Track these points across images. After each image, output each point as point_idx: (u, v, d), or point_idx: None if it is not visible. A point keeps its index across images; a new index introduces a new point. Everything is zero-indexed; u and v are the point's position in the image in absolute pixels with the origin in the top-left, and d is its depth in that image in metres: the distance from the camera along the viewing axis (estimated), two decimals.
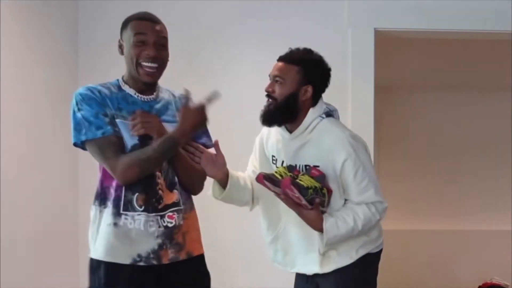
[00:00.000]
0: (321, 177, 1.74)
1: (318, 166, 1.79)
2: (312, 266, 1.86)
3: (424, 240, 4.88)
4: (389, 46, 3.36)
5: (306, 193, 1.67)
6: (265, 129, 1.98)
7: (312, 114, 1.85)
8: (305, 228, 1.79)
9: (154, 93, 1.67)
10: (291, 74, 1.81)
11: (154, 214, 1.56)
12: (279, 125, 1.87)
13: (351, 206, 1.80)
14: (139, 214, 1.55)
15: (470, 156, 4.92)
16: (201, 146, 1.73)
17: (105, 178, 1.59)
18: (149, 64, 1.57)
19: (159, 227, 1.57)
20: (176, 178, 1.65)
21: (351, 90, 2.90)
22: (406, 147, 4.99)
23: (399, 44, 3.62)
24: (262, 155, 2.01)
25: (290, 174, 1.74)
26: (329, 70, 1.89)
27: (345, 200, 1.83)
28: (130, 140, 1.57)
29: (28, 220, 2.45)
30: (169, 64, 1.70)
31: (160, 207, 1.58)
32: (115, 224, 1.54)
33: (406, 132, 4.92)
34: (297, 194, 1.66)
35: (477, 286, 4.70)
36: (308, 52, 1.87)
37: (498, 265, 4.82)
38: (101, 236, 1.56)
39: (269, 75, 1.87)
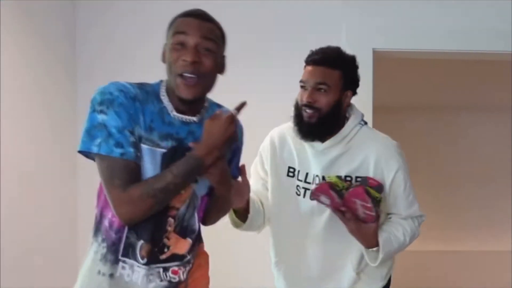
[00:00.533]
0: (380, 188, 1.58)
1: (360, 177, 1.64)
2: None
3: (424, 261, 4.79)
4: (388, 66, 3.31)
5: (376, 203, 1.53)
6: (275, 135, 1.76)
7: (354, 120, 1.68)
8: (327, 249, 1.67)
9: (199, 114, 1.31)
10: (334, 80, 1.61)
11: (156, 265, 1.28)
12: (324, 138, 1.64)
13: (398, 220, 1.69)
14: (139, 266, 1.26)
15: (469, 177, 4.90)
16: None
17: (107, 206, 1.26)
18: (187, 74, 1.21)
19: (161, 280, 1.29)
20: (197, 225, 1.35)
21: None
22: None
23: (398, 64, 3.58)
24: (273, 166, 1.75)
25: (344, 184, 1.57)
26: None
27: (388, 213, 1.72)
28: (152, 172, 1.23)
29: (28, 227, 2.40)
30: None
31: (164, 257, 1.29)
32: (111, 276, 1.25)
33: (405, 153, 4.83)
34: (370, 204, 1.50)
35: None
36: (343, 52, 1.67)
37: (497, 286, 4.73)
38: (89, 284, 1.28)
39: (303, 82, 1.63)
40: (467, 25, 2.79)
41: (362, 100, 2.78)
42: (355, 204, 1.52)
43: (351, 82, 1.66)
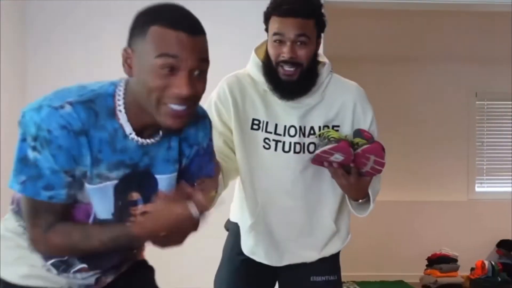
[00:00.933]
0: (373, 139, 1.62)
1: (338, 126, 1.65)
2: (311, 252, 1.73)
3: (378, 211, 5.35)
4: (339, 17, 3.57)
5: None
6: (234, 86, 1.67)
7: (327, 68, 1.67)
8: (305, 202, 1.68)
9: (159, 134, 1.15)
10: (311, 30, 1.57)
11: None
12: (305, 94, 1.61)
13: None
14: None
15: (425, 126, 5.49)
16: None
17: None
18: (177, 107, 1.04)
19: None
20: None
21: None
22: None
23: (350, 14, 3.82)
24: (237, 120, 1.67)
25: (343, 136, 1.59)
26: None
27: None
28: (102, 211, 1.15)
29: None
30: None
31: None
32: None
33: None
34: (384, 159, 1.54)
35: (426, 257, 5.28)
36: None
37: (452, 238, 5.42)
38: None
39: (280, 35, 1.55)
40: None
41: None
42: (368, 159, 1.54)
43: (322, 29, 1.64)
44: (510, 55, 5.05)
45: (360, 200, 1.64)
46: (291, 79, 1.55)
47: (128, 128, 1.08)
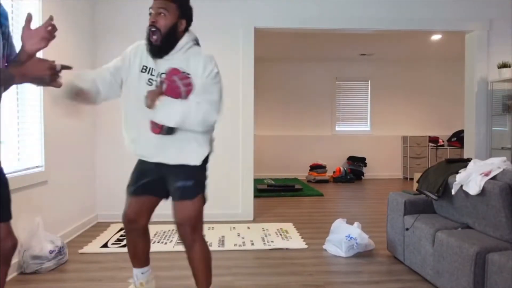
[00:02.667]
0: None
1: (188, 74, 2.07)
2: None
3: (277, 141, 8.74)
4: (266, 34, 5.73)
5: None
6: (137, 45, 2.17)
7: (186, 39, 2.10)
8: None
9: None
10: (172, 9, 2.04)
11: None
12: (167, 53, 2.06)
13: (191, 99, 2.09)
14: None
15: (310, 96, 8.78)
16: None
17: None
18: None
19: None
20: None
21: (241, 61, 4.76)
22: (275, 93, 8.77)
23: (270, 33, 5.65)
24: (134, 64, 2.13)
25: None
26: (192, 8, 2.13)
27: None
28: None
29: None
30: None
31: None
32: None
33: (273, 84, 8.71)
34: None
35: (309, 165, 8.55)
36: None
37: (323, 155, 8.71)
38: None
39: (150, 10, 2.05)
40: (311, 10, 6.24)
41: (247, 54, 4.79)
42: (175, 82, 2.03)
43: (185, 14, 2.09)
44: (357, 55, 8.41)
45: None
46: (156, 43, 2.04)
47: None
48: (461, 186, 2.67)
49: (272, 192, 6.61)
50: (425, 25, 4.93)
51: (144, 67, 2.12)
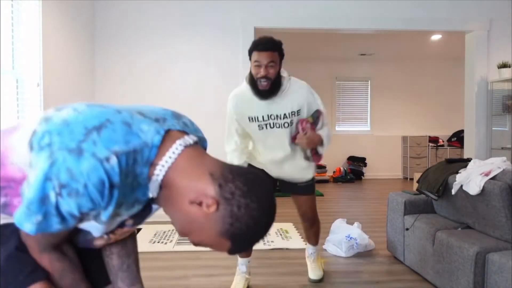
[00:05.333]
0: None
1: (300, 110, 2.47)
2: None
3: None
4: (265, 33, 6.20)
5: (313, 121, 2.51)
6: (236, 101, 2.48)
7: (286, 78, 2.45)
8: (284, 150, 2.54)
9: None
10: (276, 58, 2.35)
11: None
12: (275, 95, 2.39)
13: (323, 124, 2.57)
14: None
15: None
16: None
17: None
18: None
19: None
20: None
21: (241, 61, 4.70)
22: None
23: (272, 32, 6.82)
24: (240, 118, 2.49)
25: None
26: None
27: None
28: (95, 232, 1.09)
29: None
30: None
31: None
32: None
33: None
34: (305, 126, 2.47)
35: None
36: (276, 40, 2.38)
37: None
38: None
39: (257, 62, 2.32)
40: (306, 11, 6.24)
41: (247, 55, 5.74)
42: (303, 127, 2.46)
43: (282, 57, 2.42)
44: (357, 55, 8.38)
45: (318, 146, 2.51)
46: (265, 88, 2.34)
47: (153, 192, 0.94)
48: (461, 186, 2.67)
49: None
50: (425, 25, 4.93)
51: (250, 118, 2.46)
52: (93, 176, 0.83)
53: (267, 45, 2.32)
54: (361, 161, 8.68)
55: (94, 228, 1.06)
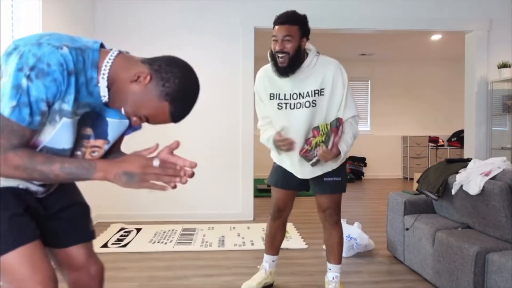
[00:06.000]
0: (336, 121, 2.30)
1: (323, 89, 2.29)
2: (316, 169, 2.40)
3: None
4: (265, 33, 4.82)
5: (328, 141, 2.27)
6: (260, 76, 2.41)
7: (311, 54, 2.30)
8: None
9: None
10: (295, 32, 2.23)
11: None
12: (294, 72, 2.25)
13: (348, 125, 2.34)
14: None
15: None
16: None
17: None
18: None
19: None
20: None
21: (241, 61, 4.75)
22: None
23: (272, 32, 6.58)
24: (264, 95, 2.41)
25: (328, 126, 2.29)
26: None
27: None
28: (63, 141, 1.21)
29: None
30: None
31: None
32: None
33: None
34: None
35: None
36: (298, 13, 2.29)
37: None
38: None
39: (274, 36, 2.24)
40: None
41: (247, 54, 4.75)
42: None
43: (305, 32, 2.28)
44: (357, 55, 8.36)
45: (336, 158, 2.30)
46: (283, 65, 2.23)
47: (104, 91, 1.18)
48: (461, 186, 2.67)
49: None
50: (425, 25, 4.93)
51: (272, 95, 2.38)
52: (52, 57, 1.09)
53: (284, 19, 2.25)
54: (361, 161, 8.65)
55: (63, 138, 1.21)
